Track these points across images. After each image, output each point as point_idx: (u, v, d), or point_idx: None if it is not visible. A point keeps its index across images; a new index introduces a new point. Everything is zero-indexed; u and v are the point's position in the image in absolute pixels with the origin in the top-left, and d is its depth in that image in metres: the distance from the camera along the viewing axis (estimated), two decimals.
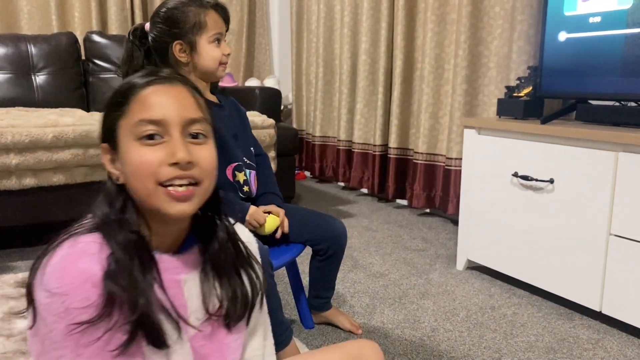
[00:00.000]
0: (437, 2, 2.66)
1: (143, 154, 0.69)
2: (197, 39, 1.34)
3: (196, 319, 0.76)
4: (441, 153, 2.76)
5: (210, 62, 1.37)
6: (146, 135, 0.69)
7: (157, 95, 0.71)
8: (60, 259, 0.66)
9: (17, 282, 1.87)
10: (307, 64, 3.81)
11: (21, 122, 2.07)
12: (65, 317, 0.63)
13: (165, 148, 0.69)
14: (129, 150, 0.70)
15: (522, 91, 1.98)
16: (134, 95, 0.71)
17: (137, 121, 0.69)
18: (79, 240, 0.68)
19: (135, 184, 0.70)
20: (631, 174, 1.51)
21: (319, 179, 3.88)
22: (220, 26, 1.36)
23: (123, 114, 0.71)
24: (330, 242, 1.49)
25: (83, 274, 0.64)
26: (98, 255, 0.67)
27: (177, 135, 0.70)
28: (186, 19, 1.33)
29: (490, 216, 1.95)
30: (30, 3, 3.27)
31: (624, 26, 1.62)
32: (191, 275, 0.77)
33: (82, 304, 0.63)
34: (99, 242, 0.68)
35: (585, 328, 1.64)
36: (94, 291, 0.64)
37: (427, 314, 1.72)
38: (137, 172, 0.69)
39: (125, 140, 0.70)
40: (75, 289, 0.64)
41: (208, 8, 1.34)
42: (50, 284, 0.64)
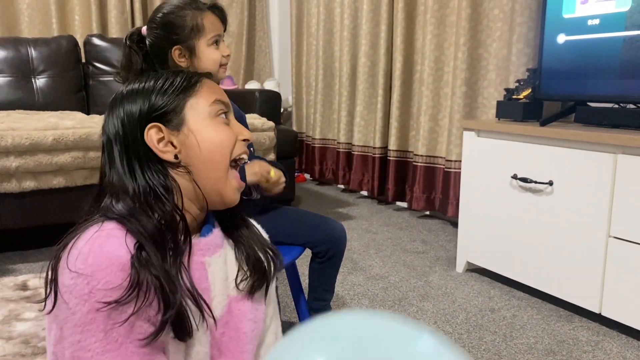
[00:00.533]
0: (437, 5, 2.66)
1: (223, 130, 0.76)
2: (196, 43, 1.33)
3: (219, 303, 0.77)
4: (441, 155, 2.76)
5: (210, 65, 1.35)
6: (223, 113, 0.77)
7: (214, 84, 0.80)
8: (86, 242, 0.66)
9: (17, 285, 1.87)
10: (307, 66, 3.82)
11: (21, 125, 2.07)
12: (89, 300, 0.63)
13: (234, 127, 0.79)
14: (208, 126, 0.75)
15: (521, 93, 1.98)
16: (202, 81, 0.78)
17: (214, 100, 0.76)
18: (104, 224, 0.68)
19: (214, 157, 0.75)
20: (630, 176, 1.51)
21: (319, 182, 3.88)
22: (218, 28, 1.35)
23: (193, 94, 0.76)
24: (330, 244, 1.49)
25: (109, 257, 0.64)
26: (125, 238, 0.67)
27: (232, 118, 0.80)
28: (183, 24, 1.31)
29: (490, 218, 1.95)
30: (30, 6, 3.28)
31: (622, 29, 1.62)
32: (215, 256, 0.78)
33: (107, 286, 0.63)
34: (125, 228, 0.68)
35: (585, 330, 1.64)
36: (119, 274, 0.64)
37: (426, 317, 1.72)
38: (217, 147, 0.75)
39: (200, 118, 0.75)
40: (100, 271, 0.63)
41: (205, 10, 1.33)
42: (75, 265, 0.64)
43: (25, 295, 1.78)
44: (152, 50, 1.34)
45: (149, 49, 1.35)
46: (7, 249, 2.29)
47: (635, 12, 1.58)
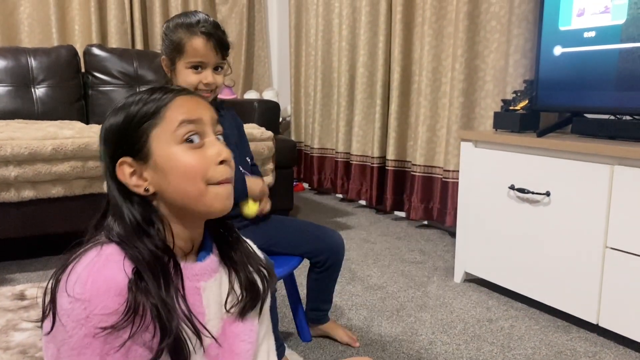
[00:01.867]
0: (435, 16, 2.68)
1: (191, 156, 0.72)
2: (177, 61, 1.35)
3: (213, 326, 0.77)
4: (439, 165, 2.77)
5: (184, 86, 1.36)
6: (187, 139, 0.72)
7: (190, 100, 0.75)
8: (85, 266, 0.66)
9: (14, 295, 1.87)
10: (305, 76, 3.83)
11: (20, 134, 2.08)
12: (86, 324, 0.64)
13: (208, 148, 0.73)
14: (174, 155, 0.72)
15: (518, 104, 2.00)
16: (169, 103, 0.73)
17: (178, 124, 0.72)
18: (104, 248, 0.69)
19: (184, 186, 0.72)
20: (627, 187, 1.52)
21: (317, 191, 3.89)
22: (203, 55, 1.33)
23: (157, 123, 0.73)
24: (328, 254, 1.49)
25: (108, 282, 0.65)
26: (123, 263, 0.67)
27: (212, 135, 0.75)
28: (171, 40, 1.35)
29: (488, 229, 1.96)
30: (31, 16, 3.30)
31: (618, 41, 1.64)
32: (210, 281, 0.78)
33: (104, 311, 0.64)
34: (123, 253, 0.69)
35: (583, 341, 1.64)
36: (116, 300, 0.64)
37: (424, 327, 1.72)
38: (188, 175, 0.72)
39: (165, 147, 0.72)
40: (98, 296, 0.64)
41: (195, 35, 1.32)
42: (74, 289, 0.64)
43: (23, 305, 1.78)
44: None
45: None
46: (5, 259, 2.29)
47: (631, 24, 1.60)
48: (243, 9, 3.99)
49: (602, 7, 1.67)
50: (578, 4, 1.75)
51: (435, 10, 2.68)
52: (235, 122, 1.53)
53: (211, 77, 1.35)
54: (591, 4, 1.71)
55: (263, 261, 0.88)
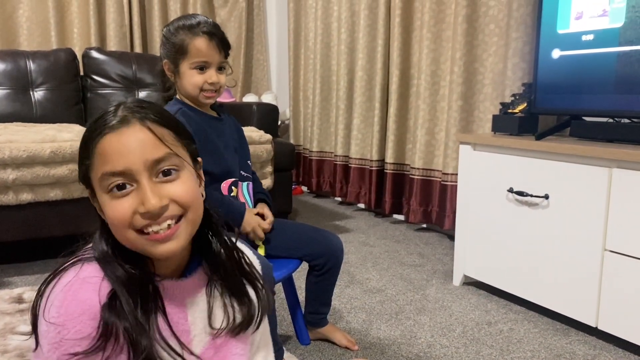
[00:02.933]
0: (433, 20, 2.69)
1: (115, 206, 0.67)
2: (180, 63, 1.36)
3: (199, 341, 0.76)
4: (437, 168, 2.77)
5: (190, 88, 1.38)
6: (116, 186, 0.67)
7: (115, 144, 0.67)
8: (62, 288, 0.66)
9: (12, 298, 1.86)
10: (304, 80, 3.84)
11: (19, 137, 2.08)
12: (59, 348, 0.63)
13: (135, 196, 0.67)
14: (103, 202, 0.69)
15: (516, 107, 2.00)
16: (94, 148, 0.68)
17: (101, 175, 0.67)
18: (83, 268, 0.68)
19: (117, 234, 0.69)
20: (625, 190, 1.52)
21: (316, 194, 3.88)
22: (207, 54, 1.35)
23: (90, 167, 0.69)
24: (327, 257, 1.49)
25: (82, 306, 0.64)
26: (100, 285, 0.66)
27: (144, 181, 0.67)
28: (173, 43, 1.36)
29: (487, 232, 1.96)
30: (29, 19, 3.30)
31: (616, 44, 1.64)
32: (197, 297, 0.77)
33: (76, 335, 0.64)
34: (102, 273, 0.68)
35: (582, 344, 1.64)
36: (90, 324, 0.64)
37: (423, 330, 1.72)
38: (113, 224, 0.68)
39: (99, 192, 0.69)
40: (71, 321, 0.64)
41: (197, 35, 1.34)
42: (49, 313, 0.64)
43: (21, 309, 1.77)
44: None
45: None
46: (3, 262, 2.28)
47: (629, 28, 1.61)
48: (242, 12, 4.00)
49: (600, 11, 1.68)
50: (576, 7, 1.75)
51: (433, 14, 2.69)
52: (235, 127, 1.53)
53: (215, 76, 1.37)
54: (589, 7, 1.71)
55: (261, 276, 0.85)
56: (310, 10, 3.67)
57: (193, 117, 1.38)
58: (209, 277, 0.79)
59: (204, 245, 0.79)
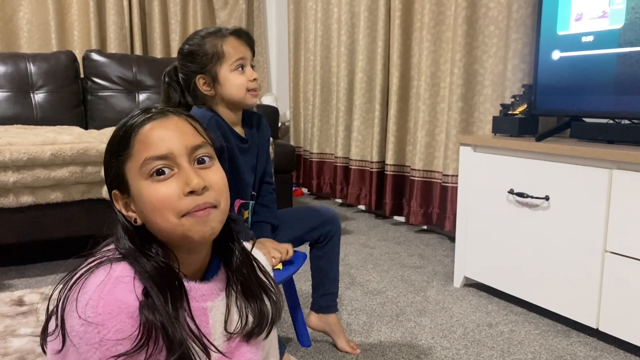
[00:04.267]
0: (433, 21, 2.69)
1: (158, 189, 0.70)
2: (218, 70, 1.33)
3: (218, 345, 0.77)
4: (438, 170, 2.77)
5: (235, 91, 1.34)
6: (156, 171, 0.70)
7: (157, 131, 0.71)
8: (96, 288, 0.65)
9: (13, 301, 1.86)
10: (304, 81, 3.84)
11: (19, 139, 2.08)
12: (100, 348, 0.63)
13: (178, 179, 0.70)
14: (143, 190, 0.70)
15: (517, 109, 2.00)
16: (134, 137, 0.71)
17: (143, 160, 0.70)
18: (113, 267, 0.68)
19: (157, 220, 0.70)
20: (625, 191, 1.52)
21: (316, 196, 3.88)
22: (242, 51, 1.34)
23: (128, 158, 0.72)
24: (325, 226, 1.51)
25: (119, 304, 0.64)
26: (133, 284, 0.66)
27: (185, 164, 0.71)
28: (205, 52, 1.32)
29: (487, 233, 1.96)
30: (30, 22, 3.31)
31: (616, 45, 1.64)
32: (216, 301, 0.78)
33: (117, 335, 0.63)
34: (132, 271, 0.68)
35: (583, 345, 1.64)
36: (129, 322, 0.64)
37: (424, 332, 1.72)
38: (156, 209, 0.70)
39: (136, 181, 0.71)
40: (111, 320, 0.63)
41: (226, 36, 1.33)
42: (85, 312, 0.63)
43: (22, 311, 1.77)
44: (184, 83, 1.37)
45: (182, 83, 1.37)
46: (3, 264, 2.28)
47: (629, 29, 1.61)
48: (242, 14, 4.00)
49: (600, 12, 1.68)
50: (576, 9, 1.75)
51: (433, 16, 2.69)
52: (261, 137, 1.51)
53: (254, 72, 1.37)
54: (589, 8, 1.71)
55: (274, 283, 0.87)
56: (310, 12, 3.68)
57: (223, 126, 1.34)
58: (227, 281, 0.80)
59: (222, 249, 0.81)
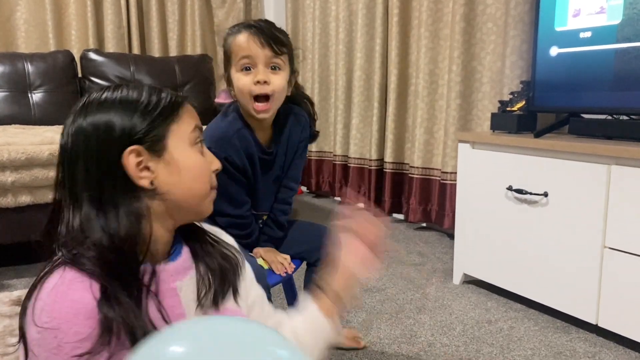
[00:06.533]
0: (431, 19, 2.69)
1: (201, 159, 0.75)
2: (230, 70, 1.22)
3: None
4: (436, 167, 2.77)
5: (240, 95, 1.21)
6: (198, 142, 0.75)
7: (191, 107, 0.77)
8: (50, 291, 0.63)
9: (12, 301, 1.86)
10: (302, 79, 3.83)
11: (17, 139, 2.07)
12: (59, 353, 0.61)
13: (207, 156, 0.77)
14: (190, 155, 0.73)
15: (515, 106, 2.00)
16: (184, 105, 0.74)
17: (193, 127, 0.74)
18: (67, 270, 0.65)
19: (196, 186, 0.74)
20: (624, 187, 1.52)
21: (315, 194, 3.88)
22: (249, 49, 1.17)
23: (174, 120, 0.72)
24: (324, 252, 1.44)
25: (75, 306, 0.62)
26: (90, 283, 0.64)
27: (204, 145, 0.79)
28: (224, 49, 1.23)
29: (486, 230, 1.96)
30: (27, 22, 3.30)
31: (614, 41, 1.64)
32: (185, 279, 0.76)
33: (75, 337, 0.61)
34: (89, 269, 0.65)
35: (582, 341, 1.64)
36: (87, 323, 0.61)
37: (423, 329, 1.72)
38: (200, 176, 0.74)
39: (182, 145, 0.72)
40: (67, 323, 0.61)
41: (239, 32, 1.19)
42: (41, 318, 0.61)
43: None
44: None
45: None
46: (2, 264, 2.28)
47: (627, 25, 1.61)
48: (240, 13, 3.99)
49: (598, 8, 1.68)
50: (574, 5, 1.75)
51: (431, 13, 2.69)
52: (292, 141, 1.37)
53: (263, 73, 1.17)
54: (587, 4, 1.71)
55: (229, 243, 0.85)
56: (308, 10, 3.67)
57: (248, 141, 1.26)
58: (192, 258, 0.79)
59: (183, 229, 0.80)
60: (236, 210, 1.31)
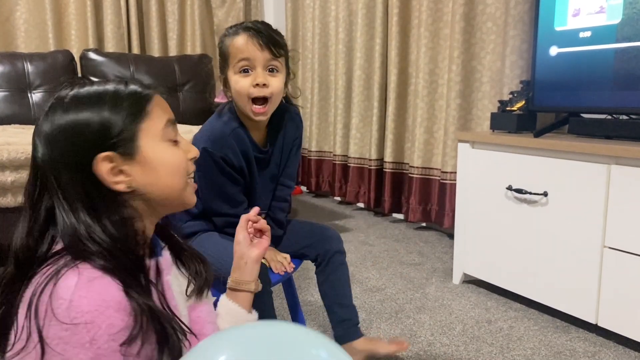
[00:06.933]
0: (431, 18, 2.69)
1: (177, 152, 0.75)
2: (227, 72, 1.23)
3: (184, 317, 0.79)
4: (436, 167, 2.77)
5: (237, 98, 1.21)
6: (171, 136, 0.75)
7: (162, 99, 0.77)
8: (73, 290, 0.62)
9: None
10: (302, 79, 3.83)
11: (17, 139, 2.07)
12: (91, 347, 0.60)
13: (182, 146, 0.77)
14: (163, 151, 0.73)
15: (515, 105, 2.00)
16: (152, 100, 0.73)
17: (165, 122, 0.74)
18: (80, 267, 0.64)
19: (173, 181, 0.74)
20: (624, 187, 1.52)
21: (315, 194, 3.88)
22: (248, 51, 1.17)
23: (144, 118, 0.72)
24: (322, 244, 1.42)
25: (105, 299, 0.62)
26: (108, 277, 0.64)
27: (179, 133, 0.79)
28: (221, 51, 1.24)
29: (486, 230, 1.96)
30: (27, 22, 3.30)
31: (613, 41, 1.64)
32: (171, 274, 0.81)
33: (109, 330, 0.61)
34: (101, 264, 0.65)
35: (582, 341, 1.64)
36: (117, 315, 0.62)
37: (423, 329, 1.72)
38: (175, 170, 0.74)
39: (153, 143, 0.72)
40: (99, 316, 0.61)
41: (237, 34, 1.19)
42: (69, 315, 0.60)
43: None
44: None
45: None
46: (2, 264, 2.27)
47: (626, 24, 1.60)
48: (240, 12, 3.99)
49: (598, 7, 1.68)
50: (573, 4, 1.75)
51: (431, 12, 2.68)
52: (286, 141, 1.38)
53: (262, 76, 1.19)
54: (586, 4, 1.71)
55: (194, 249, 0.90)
56: (308, 10, 3.67)
57: (244, 140, 1.27)
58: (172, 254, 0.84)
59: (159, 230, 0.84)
60: (233, 209, 1.31)
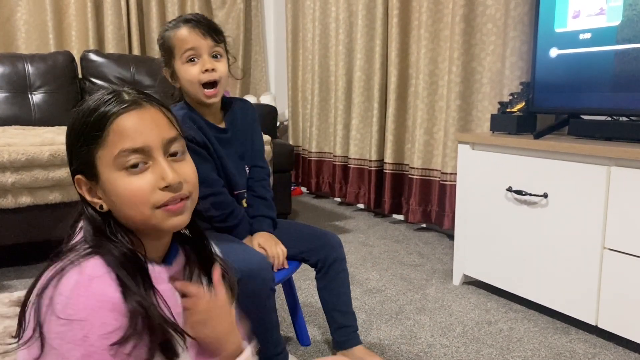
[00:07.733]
0: (431, 20, 2.69)
1: (132, 183, 0.69)
2: (174, 64, 1.29)
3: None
4: (436, 168, 2.77)
5: (188, 86, 1.29)
6: (131, 165, 0.69)
7: (134, 122, 0.69)
8: (72, 287, 0.64)
9: (12, 301, 1.86)
10: (303, 80, 3.84)
11: (18, 140, 2.08)
12: (83, 344, 0.61)
13: (152, 173, 0.70)
14: (115, 181, 0.69)
15: (515, 107, 2.00)
16: (109, 125, 0.69)
17: (118, 152, 0.68)
18: (83, 266, 0.67)
19: (129, 211, 0.70)
20: (623, 188, 1.52)
21: (315, 195, 3.88)
22: (192, 41, 1.25)
23: (100, 145, 0.69)
24: (325, 252, 1.43)
25: (100, 299, 0.64)
26: (108, 276, 0.66)
27: (160, 158, 0.71)
28: (163, 45, 1.30)
29: (486, 231, 1.96)
30: (27, 23, 3.30)
31: (613, 42, 1.64)
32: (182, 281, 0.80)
33: (103, 329, 0.62)
34: (104, 264, 0.67)
35: (582, 342, 1.64)
36: (112, 316, 0.63)
37: (423, 330, 1.72)
38: (129, 202, 0.69)
39: (108, 171, 0.70)
40: (93, 315, 0.62)
41: (179, 27, 1.26)
42: (65, 312, 0.62)
43: None
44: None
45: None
46: (2, 265, 2.28)
47: (626, 26, 1.61)
48: (240, 13, 4.00)
49: (598, 9, 1.68)
50: (573, 6, 1.75)
51: (431, 14, 2.69)
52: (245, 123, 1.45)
53: (210, 62, 1.26)
54: (586, 5, 1.71)
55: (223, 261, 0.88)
56: (308, 11, 3.68)
57: (198, 121, 1.32)
58: (185, 262, 0.82)
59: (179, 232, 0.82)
60: (209, 189, 1.30)
